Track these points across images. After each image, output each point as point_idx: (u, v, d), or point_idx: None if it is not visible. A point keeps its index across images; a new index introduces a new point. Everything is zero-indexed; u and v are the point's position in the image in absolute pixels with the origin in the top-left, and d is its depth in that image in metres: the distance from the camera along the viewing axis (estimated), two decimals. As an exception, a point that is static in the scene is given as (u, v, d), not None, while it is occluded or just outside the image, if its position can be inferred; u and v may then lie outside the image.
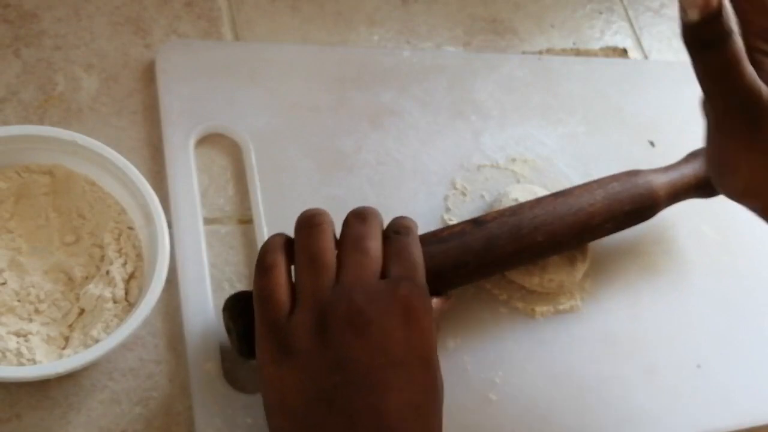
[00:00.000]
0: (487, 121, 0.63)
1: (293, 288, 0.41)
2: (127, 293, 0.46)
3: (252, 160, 0.54)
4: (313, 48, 0.61)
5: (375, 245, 0.41)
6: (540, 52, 0.69)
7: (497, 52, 0.68)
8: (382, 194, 0.57)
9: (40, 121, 0.52)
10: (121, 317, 0.45)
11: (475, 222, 0.51)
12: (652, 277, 0.60)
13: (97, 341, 0.44)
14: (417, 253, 0.42)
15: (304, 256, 0.41)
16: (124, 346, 0.44)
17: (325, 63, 0.61)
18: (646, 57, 0.74)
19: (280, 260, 0.41)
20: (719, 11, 0.40)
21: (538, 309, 0.56)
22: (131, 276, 0.47)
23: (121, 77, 0.56)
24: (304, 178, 0.55)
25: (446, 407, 0.50)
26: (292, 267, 0.43)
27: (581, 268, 0.57)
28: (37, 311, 0.45)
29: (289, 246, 0.43)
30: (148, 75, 0.56)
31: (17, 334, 0.44)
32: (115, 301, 0.46)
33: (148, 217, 0.47)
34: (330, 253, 0.40)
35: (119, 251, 0.47)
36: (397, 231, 0.43)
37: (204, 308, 0.49)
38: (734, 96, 0.42)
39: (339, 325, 0.38)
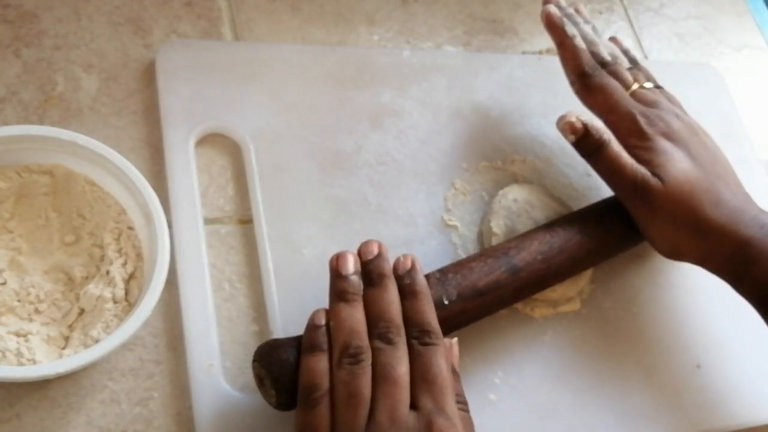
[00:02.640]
0: (487, 121, 0.63)
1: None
2: (127, 293, 0.46)
3: (252, 160, 0.54)
4: (313, 48, 0.61)
5: (404, 371, 0.43)
6: (540, 52, 0.69)
7: (497, 52, 0.68)
8: (382, 194, 0.57)
9: (40, 121, 0.52)
10: (121, 317, 0.45)
11: (510, 269, 0.51)
12: (652, 277, 0.60)
13: (97, 341, 0.44)
14: (443, 368, 0.43)
15: (345, 391, 0.42)
16: (124, 346, 0.44)
17: (325, 63, 0.61)
18: (645, 57, 0.74)
19: (325, 398, 0.42)
20: (586, 132, 0.54)
21: (538, 309, 0.56)
22: (131, 276, 0.47)
23: (121, 77, 0.56)
24: (304, 178, 0.55)
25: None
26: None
27: (585, 277, 0.57)
28: (37, 311, 0.45)
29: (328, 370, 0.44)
30: (148, 75, 0.56)
31: (17, 334, 0.44)
32: (115, 301, 0.46)
33: (148, 217, 0.47)
34: (367, 389, 0.42)
35: (119, 251, 0.47)
36: (420, 338, 0.44)
37: (204, 308, 0.49)
38: (624, 185, 0.54)
39: None
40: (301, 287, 0.51)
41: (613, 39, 0.63)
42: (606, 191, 0.58)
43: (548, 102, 0.65)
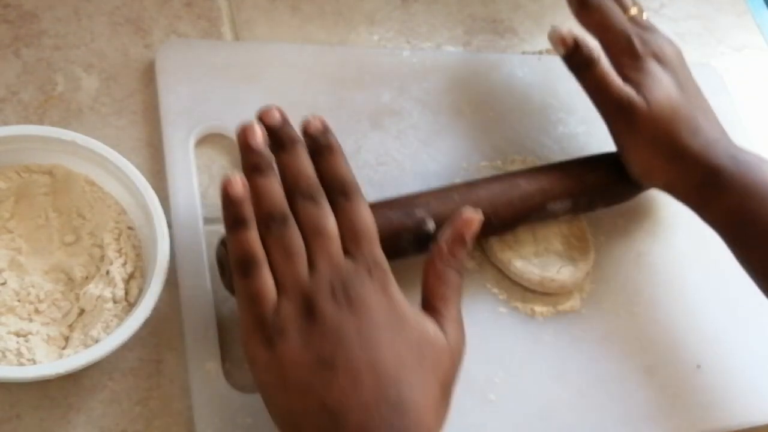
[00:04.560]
0: (487, 121, 0.63)
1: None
2: (127, 293, 0.46)
3: (252, 160, 0.54)
4: (313, 48, 0.61)
5: (332, 224, 0.44)
6: (540, 52, 0.69)
7: (497, 52, 0.68)
8: (382, 194, 0.57)
9: (40, 121, 0.52)
10: (121, 317, 0.45)
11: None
12: (652, 277, 0.60)
13: (97, 341, 0.44)
14: (369, 220, 0.45)
15: (279, 249, 0.43)
16: (124, 346, 0.44)
17: (325, 63, 0.61)
18: (646, 57, 0.74)
19: (261, 256, 0.43)
20: (576, 45, 0.55)
21: (538, 309, 0.56)
22: (131, 276, 0.47)
23: (121, 77, 0.56)
24: (304, 178, 0.55)
25: (446, 407, 0.50)
26: None
27: (583, 269, 0.57)
28: (37, 311, 0.45)
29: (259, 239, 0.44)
30: (148, 75, 0.56)
31: (17, 334, 0.44)
32: (115, 301, 0.46)
33: (148, 217, 0.47)
34: (299, 240, 0.43)
35: (119, 251, 0.47)
36: (341, 194, 0.45)
37: (204, 308, 0.49)
38: (609, 104, 0.55)
39: (326, 305, 0.41)
40: (301, 287, 0.51)
41: None
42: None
43: (548, 102, 0.65)
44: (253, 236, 0.43)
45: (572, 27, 0.56)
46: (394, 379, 0.40)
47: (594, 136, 0.63)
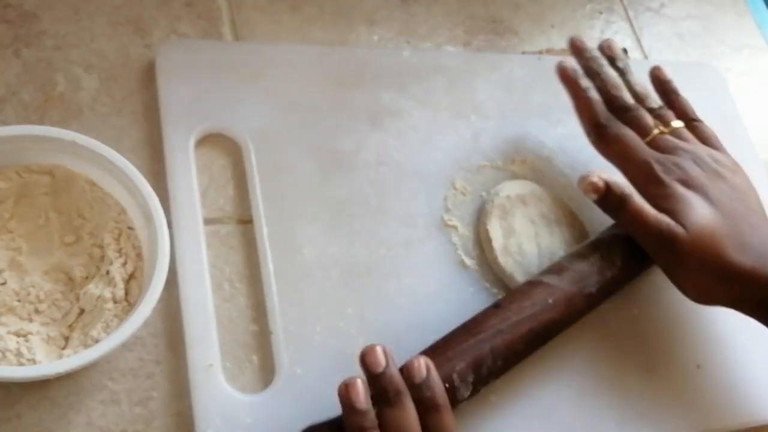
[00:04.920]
0: (487, 121, 0.63)
1: None
2: (127, 293, 0.46)
3: (252, 160, 0.54)
4: (313, 48, 0.61)
5: None
6: (540, 52, 0.69)
7: (497, 52, 0.68)
8: (382, 194, 0.57)
9: (40, 121, 0.52)
10: (121, 317, 0.45)
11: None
12: (653, 277, 0.60)
13: (97, 341, 0.44)
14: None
15: None
16: (124, 346, 0.44)
17: (325, 63, 0.61)
18: (645, 57, 0.74)
19: None
20: (608, 189, 0.54)
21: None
22: (131, 276, 0.47)
23: (121, 77, 0.56)
24: (304, 178, 0.55)
25: (446, 407, 0.50)
26: None
27: None
28: (37, 311, 0.45)
29: None
30: (148, 75, 0.56)
31: (17, 334, 0.44)
32: (115, 301, 0.46)
33: (148, 217, 0.47)
34: None
35: (119, 251, 0.47)
36: (429, 405, 0.44)
37: (204, 308, 0.49)
38: (650, 237, 0.54)
39: None
40: (301, 287, 0.51)
41: (654, 70, 0.63)
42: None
43: (548, 102, 0.65)
44: None
45: (598, 170, 0.55)
46: None
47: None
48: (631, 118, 0.58)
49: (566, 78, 0.60)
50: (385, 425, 0.43)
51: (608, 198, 0.54)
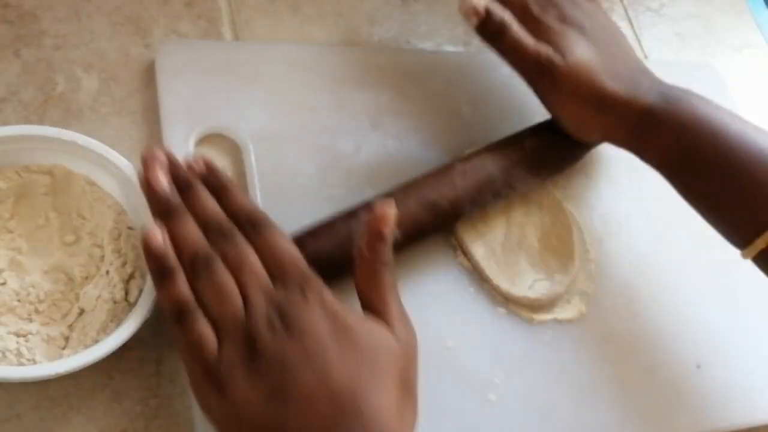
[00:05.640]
0: (487, 121, 0.63)
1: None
2: (127, 293, 0.46)
3: (252, 160, 0.54)
4: (313, 48, 0.61)
5: (254, 257, 0.43)
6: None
7: (497, 52, 0.68)
8: (382, 194, 0.57)
9: (40, 121, 0.52)
10: (121, 317, 0.45)
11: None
12: (653, 277, 0.60)
13: (97, 341, 0.44)
14: (288, 246, 0.44)
15: (210, 292, 0.42)
16: (124, 346, 0.44)
17: (325, 63, 0.61)
18: (645, 57, 0.74)
19: (192, 303, 0.42)
20: (488, 15, 0.55)
21: (537, 318, 0.55)
22: (131, 276, 0.47)
23: (121, 77, 0.56)
24: (304, 178, 0.55)
25: (446, 407, 0.50)
26: None
27: (562, 282, 0.56)
28: (37, 311, 0.45)
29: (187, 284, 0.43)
30: (148, 75, 0.56)
31: (17, 334, 0.44)
32: (115, 301, 0.46)
33: (148, 218, 0.47)
34: (230, 282, 0.42)
35: (119, 251, 0.47)
36: (252, 227, 0.44)
37: (204, 308, 0.49)
38: (528, 65, 0.56)
39: (266, 338, 0.41)
40: (301, 287, 0.51)
41: None
42: (602, 184, 0.58)
43: (548, 102, 0.65)
44: (182, 285, 0.42)
45: None
46: (349, 389, 0.40)
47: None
48: None
49: None
50: (226, 261, 0.43)
51: (488, 24, 0.56)
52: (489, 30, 0.56)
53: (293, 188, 0.55)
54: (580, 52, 0.55)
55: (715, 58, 0.77)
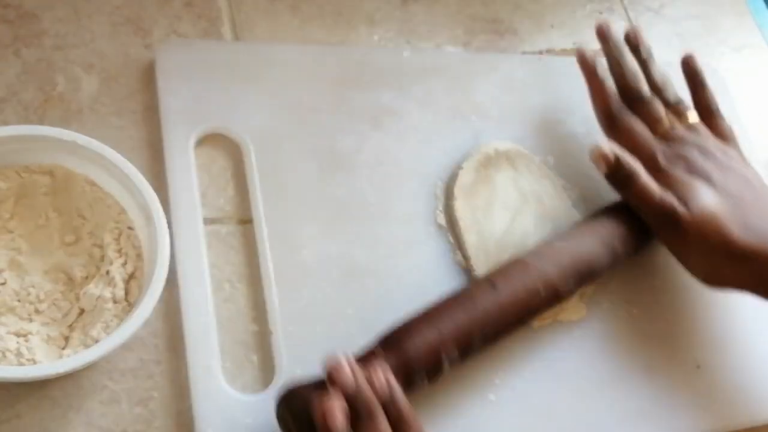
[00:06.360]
0: (487, 121, 0.63)
1: None
2: (127, 293, 0.46)
3: (252, 160, 0.54)
4: (313, 48, 0.61)
5: None
6: (540, 52, 0.69)
7: (497, 52, 0.68)
8: (382, 194, 0.57)
9: (40, 121, 0.52)
10: (121, 317, 0.45)
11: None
12: (653, 277, 0.60)
13: (97, 341, 0.44)
14: None
15: None
16: (124, 346, 0.44)
17: (325, 63, 0.61)
18: (646, 57, 0.74)
19: None
20: (618, 163, 0.55)
21: (537, 323, 0.55)
22: (131, 276, 0.47)
23: (121, 77, 0.56)
24: (304, 178, 0.55)
25: (446, 407, 0.50)
26: None
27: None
28: (37, 311, 0.45)
29: None
30: (148, 75, 0.56)
31: (17, 334, 0.44)
32: (115, 301, 0.46)
33: (148, 217, 0.47)
34: None
35: (119, 251, 0.47)
36: (397, 421, 0.43)
37: (204, 308, 0.49)
38: (653, 214, 0.55)
39: None
40: (301, 287, 0.51)
41: (687, 60, 0.64)
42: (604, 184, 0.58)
43: (548, 102, 0.65)
44: None
45: (607, 142, 0.57)
46: None
47: (594, 136, 0.63)
48: (643, 110, 0.59)
49: (584, 65, 0.61)
50: None
51: (617, 172, 0.55)
52: (618, 177, 0.56)
53: (293, 188, 0.55)
54: (706, 202, 0.54)
55: (715, 58, 0.77)
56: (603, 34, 0.62)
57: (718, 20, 0.80)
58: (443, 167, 0.59)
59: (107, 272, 0.46)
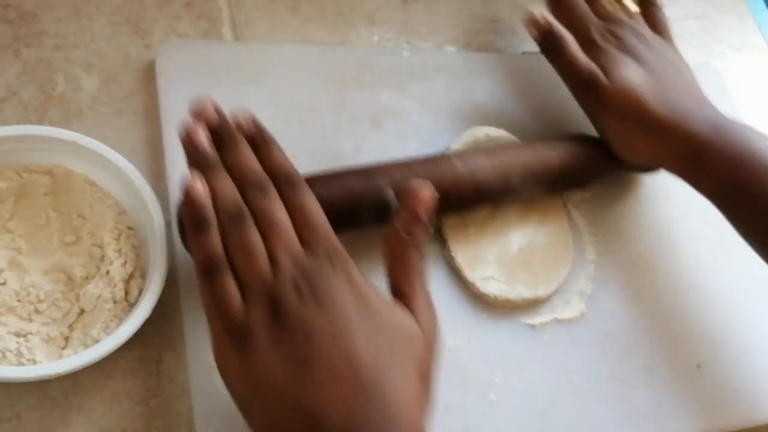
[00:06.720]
0: (487, 121, 0.63)
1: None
2: (127, 293, 0.46)
3: (252, 160, 0.54)
4: (313, 48, 0.61)
5: (284, 215, 0.43)
6: (540, 52, 0.68)
7: (497, 52, 0.68)
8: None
9: (40, 121, 0.52)
10: (121, 317, 0.45)
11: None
12: (652, 277, 0.60)
13: (97, 341, 0.44)
14: (317, 208, 0.44)
15: (240, 250, 0.42)
16: (124, 346, 0.44)
17: (325, 63, 0.61)
18: (646, 57, 0.74)
19: (222, 260, 0.42)
20: (549, 29, 0.60)
21: (538, 321, 0.55)
22: (131, 276, 0.47)
23: (121, 77, 0.56)
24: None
25: (446, 407, 0.50)
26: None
27: (566, 265, 0.57)
28: (37, 311, 0.45)
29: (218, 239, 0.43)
30: (148, 75, 0.56)
31: (17, 334, 0.44)
32: (115, 301, 0.46)
33: (148, 217, 0.47)
34: (257, 237, 0.42)
35: (119, 251, 0.47)
36: (286, 184, 0.44)
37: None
38: (576, 80, 0.59)
39: (292, 302, 0.40)
40: (301, 287, 0.51)
41: None
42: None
43: (548, 102, 0.65)
44: (215, 239, 0.42)
45: (543, 9, 0.61)
46: (372, 368, 0.39)
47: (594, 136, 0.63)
48: None
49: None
50: (226, 164, 0.44)
51: (548, 38, 0.60)
52: (548, 43, 0.60)
53: (293, 188, 0.55)
54: (628, 75, 0.57)
55: (715, 58, 0.77)
56: None
57: (718, 20, 0.80)
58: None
59: (107, 272, 0.46)
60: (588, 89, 0.58)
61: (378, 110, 0.60)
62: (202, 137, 0.44)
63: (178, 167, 0.52)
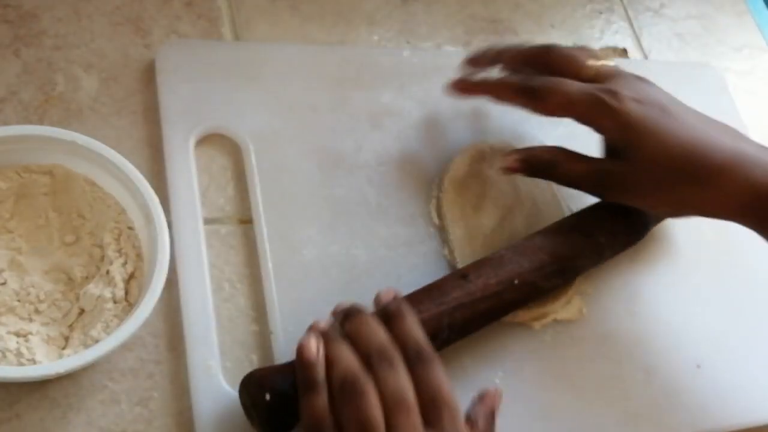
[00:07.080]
0: (487, 121, 0.63)
1: None
2: (127, 293, 0.46)
3: (252, 160, 0.54)
4: (313, 48, 0.61)
5: (411, 395, 0.41)
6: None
7: (497, 52, 0.67)
8: (382, 194, 0.57)
9: (40, 121, 0.52)
10: (121, 317, 0.45)
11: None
12: (652, 277, 0.60)
13: (97, 341, 0.44)
14: (445, 384, 0.42)
15: (355, 424, 0.40)
16: (124, 346, 0.44)
17: (325, 63, 0.61)
18: (645, 57, 0.74)
19: (329, 426, 0.40)
20: (528, 163, 0.55)
21: (538, 323, 0.55)
22: (131, 276, 0.47)
23: (121, 77, 0.56)
24: (304, 178, 0.55)
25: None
26: None
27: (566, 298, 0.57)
28: (37, 311, 0.45)
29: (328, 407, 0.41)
30: (148, 75, 0.56)
31: (17, 334, 0.44)
32: (115, 301, 0.46)
33: (148, 217, 0.47)
34: (379, 419, 0.40)
35: (119, 251, 0.47)
36: (416, 357, 0.42)
37: (204, 308, 0.49)
38: (592, 185, 0.55)
39: None
40: (301, 287, 0.51)
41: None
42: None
43: (548, 102, 0.65)
44: (322, 402, 0.41)
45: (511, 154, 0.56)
46: None
47: (594, 136, 0.63)
48: (562, 63, 0.55)
49: (467, 90, 0.57)
50: (352, 337, 0.43)
51: (535, 169, 0.55)
52: (539, 173, 0.55)
53: (293, 188, 0.55)
54: (656, 123, 0.52)
55: (715, 58, 0.77)
56: (476, 60, 0.59)
57: (718, 20, 0.80)
58: (443, 168, 0.59)
59: (107, 272, 0.46)
60: (604, 184, 0.54)
61: (378, 110, 0.60)
62: (313, 348, 0.42)
63: (178, 166, 0.52)
